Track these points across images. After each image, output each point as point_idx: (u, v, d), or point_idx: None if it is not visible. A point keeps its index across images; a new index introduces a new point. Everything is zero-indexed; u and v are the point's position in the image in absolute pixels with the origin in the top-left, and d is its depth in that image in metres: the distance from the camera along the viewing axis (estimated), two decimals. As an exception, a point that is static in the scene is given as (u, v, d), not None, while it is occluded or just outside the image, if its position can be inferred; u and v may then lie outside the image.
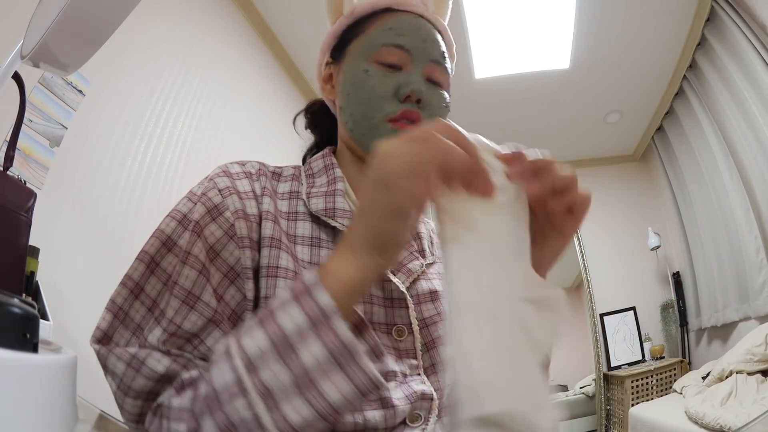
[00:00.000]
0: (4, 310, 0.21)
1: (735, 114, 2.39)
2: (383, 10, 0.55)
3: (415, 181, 0.32)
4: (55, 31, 0.49)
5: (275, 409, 0.30)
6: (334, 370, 0.31)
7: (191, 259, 0.41)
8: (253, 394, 0.31)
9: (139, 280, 0.41)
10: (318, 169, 0.55)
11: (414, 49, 0.52)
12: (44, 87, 1.25)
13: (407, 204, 0.33)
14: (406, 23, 0.53)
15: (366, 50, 0.52)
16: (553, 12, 2.41)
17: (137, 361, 0.37)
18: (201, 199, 0.44)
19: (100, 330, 0.40)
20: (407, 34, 0.52)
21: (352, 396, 0.31)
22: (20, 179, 0.92)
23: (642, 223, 3.51)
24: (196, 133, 1.86)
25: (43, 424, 0.20)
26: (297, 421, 0.30)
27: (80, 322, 1.24)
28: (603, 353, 3.36)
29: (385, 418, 0.43)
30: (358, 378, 0.31)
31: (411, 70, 0.51)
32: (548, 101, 3.13)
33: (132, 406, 0.38)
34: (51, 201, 1.22)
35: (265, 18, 2.43)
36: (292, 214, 0.49)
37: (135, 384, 0.37)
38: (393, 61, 0.51)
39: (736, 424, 1.62)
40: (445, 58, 0.54)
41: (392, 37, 0.52)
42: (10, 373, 0.18)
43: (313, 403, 0.30)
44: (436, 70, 0.53)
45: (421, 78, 0.52)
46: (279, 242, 0.44)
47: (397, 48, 0.51)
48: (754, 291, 2.32)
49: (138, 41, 1.60)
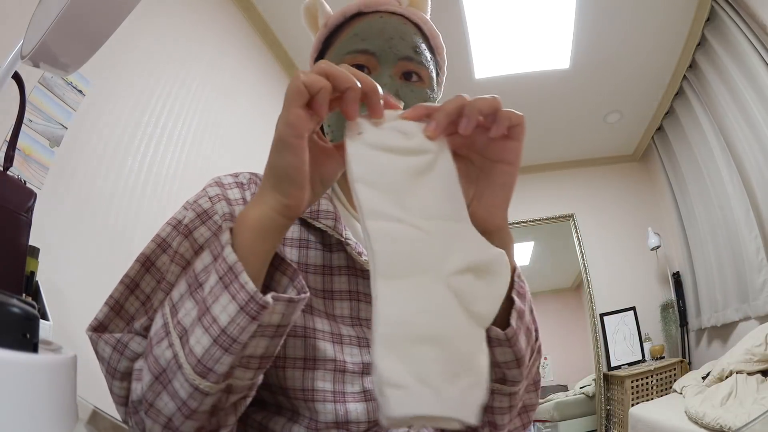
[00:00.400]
0: (4, 310, 0.21)
1: (735, 114, 2.39)
2: (353, 16, 0.56)
3: (287, 109, 0.33)
4: (55, 31, 0.49)
5: (186, 344, 0.33)
6: (222, 293, 0.33)
7: (177, 257, 0.44)
8: (173, 333, 0.34)
9: (135, 276, 0.44)
10: None
11: (379, 51, 0.52)
12: (44, 87, 1.25)
13: (284, 134, 0.33)
14: (371, 26, 0.53)
15: (335, 60, 0.53)
16: (553, 12, 2.41)
17: (121, 345, 0.41)
18: (193, 206, 0.48)
19: (96, 320, 0.43)
20: (371, 36, 0.52)
21: (237, 316, 0.32)
22: (20, 179, 0.92)
23: (642, 223, 3.51)
24: (196, 133, 1.86)
25: (43, 424, 0.20)
26: (199, 351, 0.32)
27: (80, 322, 1.24)
28: (603, 353, 3.36)
29: (367, 411, 0.43)
30: (240, 296, 0.32)
31: (380, 72, 0.51)
32: (548, 101, 3.13)
33: (119, 389, 0.41)
34: (51, 201, 1.22)
35: (265, 18, 2.43)
36: None
37: (120, 366, 0.40)
38: (360, 65, 0.52)
39: (736, 424, 1.62)
40: (419, 52, 0.53)
41: (356, 43, 0.52)
42: (10, 373, 0.18)
43: (209, 329, 0.32)
44: (409, 65, 0.52)
45: (392, 78, 0.51)
46: None
47: (362, 53, 0.52)
48: (754, 291, 2.32)
49: (138, 41, 1.60)
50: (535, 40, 2.62)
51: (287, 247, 0.48)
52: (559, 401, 3.76)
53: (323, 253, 0.48)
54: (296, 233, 0.49)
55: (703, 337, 2.98)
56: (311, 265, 0.47)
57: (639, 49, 2.68)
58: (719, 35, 2.38)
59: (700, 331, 3.00)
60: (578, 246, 3.62)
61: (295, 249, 0.48)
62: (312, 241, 0.49)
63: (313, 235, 0.49)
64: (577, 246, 3.63)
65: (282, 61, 2.66)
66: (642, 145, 3.71)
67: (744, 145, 2.36)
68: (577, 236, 3.65)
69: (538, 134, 3.47)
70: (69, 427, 0.23)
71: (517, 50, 2.69)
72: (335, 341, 0.45)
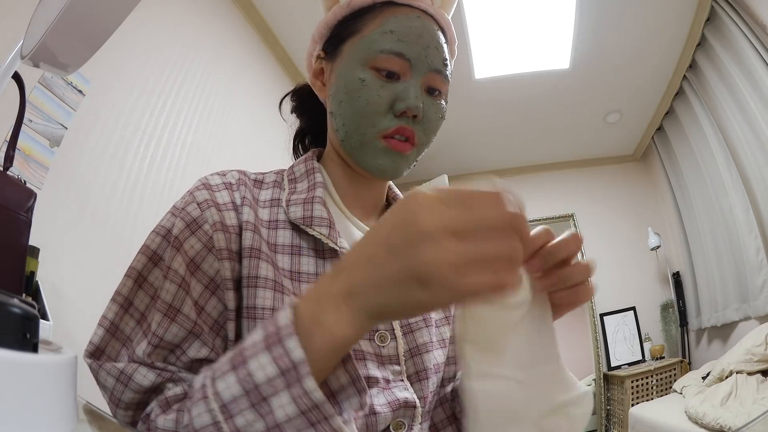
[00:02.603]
0: (4, 310, 0.21)
1: (735, 114, 2.39)
2: (384, 3, 0.50)
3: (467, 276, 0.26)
4: (55, 31, 0.49)
5: None
6: (307, 429, 0.29)
7: (171, 273, 0.42)
8: None
9: (128, 294, 0.42)
10: (300, 173, 0.53)
11: (415, 58, 0.48)
12: (44, 87, 1.25)
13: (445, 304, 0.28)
14: (409, 26, 0.48)
15: (363, 54, 0.48)
16: (553, 12, 2.41)
17: (125, 377, 0.39)
18: (181, 213, 0.44)
19: (93, 344, 0.41)
20: (409, 39, 0.48)
21: None
22: (20, 179, 0.92)
23: (642, 223, 3.51)
24: (196, 133, 1.87)
25: (43, 424, 0.20)
26: None
27: (80, 322, 1.24)
28: (603, 353, 3.36)
29: (366, 426, 0.42)
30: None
31: (410, 80, 0.48)
32: (548, 101, 3.13)
33: (124, 416, 0.40)
34: (51, 201, 1.22)
35: (265, 18, 2.43)
36: (273, 222, 0.48)
37: (124, 397, 0.39)
38: (391, 69, 0.48)
39: (736, 424, 1.62)
40: (446, 65, 0.51)
41: (392, 43, 0.47)
42: (10, 373, 0.18)
43: None
44: (436, 79, 0.50)
45: (420, 90, 0.48)
46: (258, 252, 0.44)
47: (397, 56, 0.47)
48: (754, 291, 2.32)
49: (138, 41, 1.60)
50: (535, 40, 2.62)
51: (279, 254, 0.46)
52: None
53: (316, 260, 0.46)
54: (288, 239, 0.47)
55: (703, 337, 2.98)
56: (304, 273, 0.45)
57: (639, 49, 2.68)
58: (719, 35, 2.38)
59: (700, 331, 3.00)
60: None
61: (288, 256, 0.46)
62: (304, 248, 0.47)
63: (305, 242, 0.47)
64: (577, 246, 3.63)
65: (282, 61, 2.66)
66: (642, 145, 3.71)
67: (744, 145, 2.36)
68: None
69: (538, 134, 3.48)
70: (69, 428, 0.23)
71: (517, 50, 2.69)
72: None
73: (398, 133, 0.48)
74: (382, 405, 0.43)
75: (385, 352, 0.46)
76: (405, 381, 0.46)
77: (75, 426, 0.24)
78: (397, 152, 0.48)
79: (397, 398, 0.44)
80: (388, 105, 0.48)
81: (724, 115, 2.50)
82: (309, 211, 0.47)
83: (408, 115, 0.48)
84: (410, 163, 0.51)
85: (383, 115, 0.48)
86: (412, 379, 0.47)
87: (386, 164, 0.49)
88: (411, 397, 0.45)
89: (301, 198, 0.49)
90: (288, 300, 0.39)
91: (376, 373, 0.44)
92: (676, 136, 3.17)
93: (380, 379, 0.44)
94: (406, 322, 0.48)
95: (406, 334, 0.48)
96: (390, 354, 0.46)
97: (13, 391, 0.18)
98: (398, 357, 0.46)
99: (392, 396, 0.44)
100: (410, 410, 0.45)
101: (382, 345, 0.46)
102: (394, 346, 0.47)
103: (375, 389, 0.44)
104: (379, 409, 0.42)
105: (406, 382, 0.46)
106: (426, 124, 0.50)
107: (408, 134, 0.48)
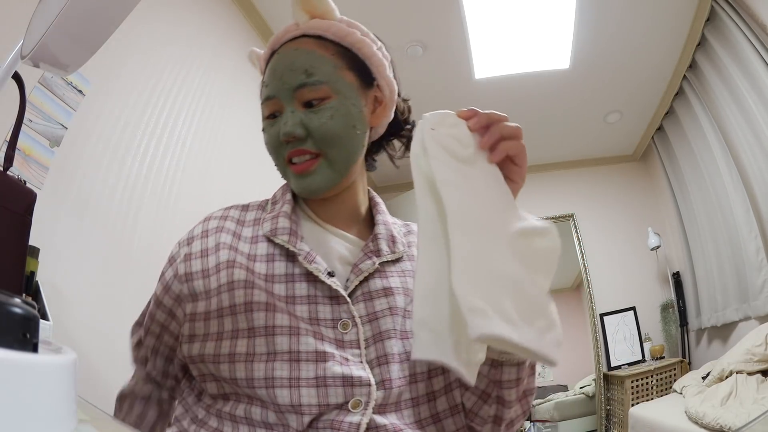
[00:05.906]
0: (4, 310, 0.21)
1: (735, 114, 2.39)
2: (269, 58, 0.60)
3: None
4: (55, 31, 0.49)
5: None
6: None
7: (155, 298, 0.59)
8: None
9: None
10: (278, 196, 0.62)
11: (277, 92, 0.55)
12: (44, 87, 1.25)
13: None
14: (271, 69, 0.57)
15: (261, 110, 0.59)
16: (553, 12, 2.41)
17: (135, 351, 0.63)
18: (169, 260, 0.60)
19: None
20: (270, 81, 0.56)
21: None
22: (20, 179, 0.92)
23: (642, 223, 3.51)
24: (196, 133, 1.86)
25: (43, 424, 0.20)
26: None
27: (80, 322, 1.24)
28: (603, 353, 3.36)
29: (318, 395, 0.47)
30: None
31: (285, 111, 0.55)
32: (548, 101, 3.13)
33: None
34: (51, 201, 1.22)
35: (266, 18, 2.43)
36: (254, 237, 0.57)
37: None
38: (271, 111, 0.57)
39: (736, 424, 1.62)
40: (312, 72, 0.54)
41: (264, 92, 0.57)
42: (10, 373, 0.18)
43: None
44: (304, 92, 0.54)
45: (294, 112, 0.54)
46: (233, 263, 0.53)
47: (267, 100, 0.56)
48: (754, 291, 2.32)
49: (138, 41, 1.60)
50: (535, 40, 2.62)
51: (258, 263, 0.53)
52: (559, 401, 3.76)
53: (286, 263, 0.54)
54: (264, 250, 0.55)
55: (703, 337, 2.98)
56: (276, 275, 0.52)
57: (639, 49, 2.68)
58: (719, 35, 2.38)
59: (700, 331, 3.00)
60: (578, 246, 3.62)
61: (264, 263, 0.53)
62: (277, 254, 0.54)
63: (277, 249, 0.55)
64: (577, 246, 3.63)
65: (282, 61, 2.66)
66: (642, 145, 3.71)
67: (744, 145, 2.36)
68: (577, 236, 3.65)
69: (538, 134, 3.47)
70: (69, 428, 0.23)
71: (517, 50, 2.69)
72: (292, 333, 0.49)
73: (293, 156, 0.55)
74: (335, 377, 0.47)
75: (346, 338, 0.51)
76: (363, 363, 0.50)
77: (75, 426, 0.24)
78: (301, 173, 0.55)
79: (351, 374, 0.48)
80: (277, 140, 0.56)
81: (724, 115, 2.50)
82: (275, 224, 0.56)
83: (290, 141, 0.54)
84: (332, 173, 0.56)
85: (279, 147, 0.56)
86: (373, 364, 0.51)
87: (300, 186, 0.56)
88: (365, 376, 0.48)
89: (272, 215, 0.58)
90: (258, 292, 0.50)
91: (333, 351, 0.49)
92: (676, 136, 3.17)
93: (337, 356, 0.49)
94: (371, 310, 0.53)
95: (370, 321, 0.52)
96: (351, 339, 0.51)
97: (13, 391, 0.18)
98: (359, 342, 0.51)
99: (348, 371, 0.48)
100: (365, 388, 0.48)
101: (345, 332, 0.51)
102: (355, 332, 0.51)
103: (331, 362, 0.48)
104: (330, 381, 0.47)
105: (365, 364, 0.50)
106: (315, 134, 0.54)
107: (298, 153, 0.55)
